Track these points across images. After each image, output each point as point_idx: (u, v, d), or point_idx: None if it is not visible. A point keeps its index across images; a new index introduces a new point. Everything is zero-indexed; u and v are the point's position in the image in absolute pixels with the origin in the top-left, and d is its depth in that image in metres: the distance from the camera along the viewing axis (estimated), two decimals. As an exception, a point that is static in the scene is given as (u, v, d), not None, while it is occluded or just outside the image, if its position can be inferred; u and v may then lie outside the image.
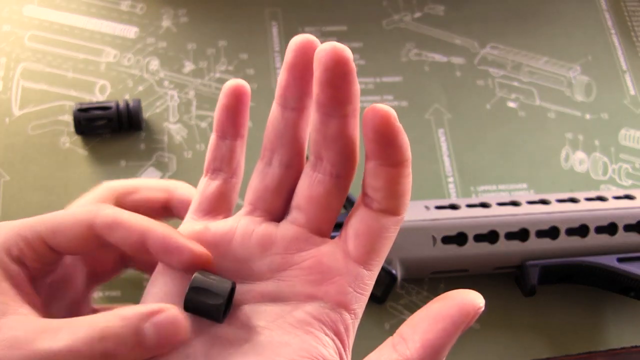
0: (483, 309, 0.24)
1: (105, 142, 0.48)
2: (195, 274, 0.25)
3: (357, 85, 0.24)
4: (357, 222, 0.26)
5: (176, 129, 0.49)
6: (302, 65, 0.25)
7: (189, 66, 0.51)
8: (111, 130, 0.47)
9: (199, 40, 0.53)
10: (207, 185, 0.28)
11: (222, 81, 0.51)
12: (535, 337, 0.44)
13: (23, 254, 0.26)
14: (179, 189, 0.35)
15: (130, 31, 0.52)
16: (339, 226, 0.45)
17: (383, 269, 0.41)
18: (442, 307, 0.24)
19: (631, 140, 0.53)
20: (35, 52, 0.50)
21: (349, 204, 0.45)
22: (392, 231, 0.26)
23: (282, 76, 0.26)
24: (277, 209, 0.27)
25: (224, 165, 0.28)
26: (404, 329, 0.25)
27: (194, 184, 0.47)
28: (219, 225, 0.27)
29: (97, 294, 0.43)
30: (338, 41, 0.24)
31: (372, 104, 0.23)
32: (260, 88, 0.51)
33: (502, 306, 0.45)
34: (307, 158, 0.27)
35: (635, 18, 0.59)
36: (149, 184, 0.32)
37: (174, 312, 0.24)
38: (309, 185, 0.26)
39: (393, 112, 0.23)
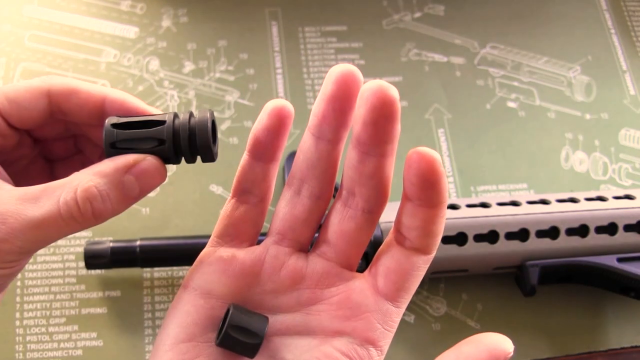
0: (512, 354, 0.24)
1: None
2: (232, 310, 0.25)
3: (399, 126, 0.24)
4: (389, 260, 0.26)
5: (176, 129, 0.49)
6: (343, 98, 0.24)
7: (189, 66, 0.51)
8: (163, 159, 0.27)
9: (199, 40, 0.53)
10: (234, 208, 0.27)
11: (222, 81, 0.51)
12: (535, 337, 0.44)
13: None
14: (112, 91, 0.30)
15: (130, 31, 0.52)
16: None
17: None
18: (473, 352, 0.24)
19: (631, 140, 0.53)
20: (35, 52, 0.50)
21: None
22: (422, 270, 0.26)
23: (319, 106, 0.25)
24: (305, 239, 0.27)
25: (254, 188, 0.27)
26: None
27: (194, 184, 0.47)
28: (247, 254, 0.27)
29: (96, 294, 0.43)
30: (338, 41, 0.23)
31: (416, 148, 0.23)
32: (260, 88, 0.51)
33: (502, 306, 0.45)
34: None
35: (635, 18, 0.59)
36: (85, 85, 0.28)
37: (150, 160, 0.25)
38: (340, 220, 0.26)
39: (438, 157, 0.23)
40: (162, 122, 0.26)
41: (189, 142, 0.26)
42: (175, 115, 0.26)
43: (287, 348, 0.25)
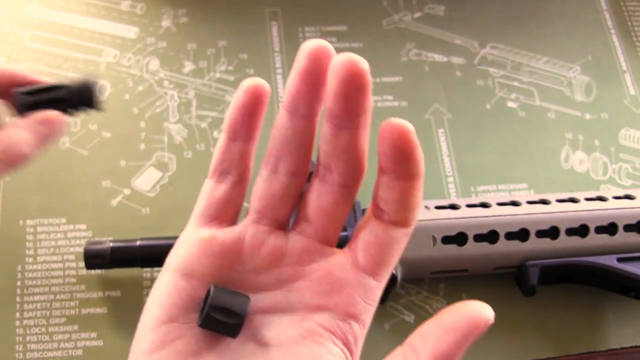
0: (493, 321, 0.24)
1: (105, 142, 0.48)
2: (213, 291, 0.25)
3: (371, 98, 0.24)
4: (367, 234, 0.26)
5: (176, 129, 0.49)
6: (316, 73, 0.25)
7: (189, 66, 0.51)
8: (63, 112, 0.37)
9: (199, 40, 0.53)
10: (213, 189, 0.28)
11: (222, 81, 0.51)
12: (535, 337, 0.44)
13: None
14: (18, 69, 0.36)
15: (130, 31, 0.52)
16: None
17: (383, 269, 0.41)
18: (452, 319, 0.24)
19: (631, 140, 0.53)
20: (35, 52, 0.50)
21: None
22: (402, 243, 0.26)
23: (292, 83, 0.25)
24: (283, 216, 0.27)
25: (232, 168, 0.28)
26: (414, 339, 0.25)
27: (194, 184, 0.47)
28: (226, 234, 0.27)
29: (96, 294, 0.43)
30: (338, 41, 0.24)
31: (389, 119, 0.23)
32: (260, 88, 0.51)
33: (502, 306, 0.45)
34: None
35: (635, 18, 0.59)
36: None
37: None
38: (318, 196, 0.26)
39: (411, 128, 0.23)
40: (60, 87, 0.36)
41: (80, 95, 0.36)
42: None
43: (269, 326, 0.25)
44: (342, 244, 0.43)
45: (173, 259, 0.27)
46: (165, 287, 0.26)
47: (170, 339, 0.25)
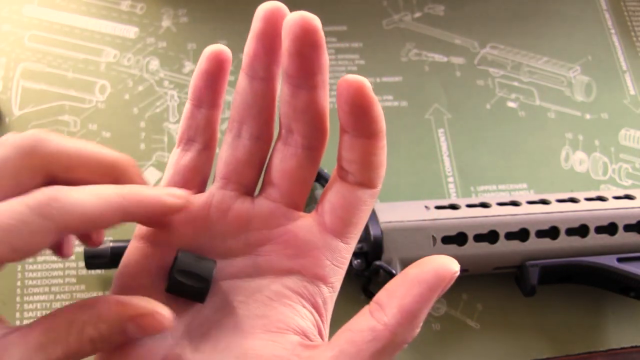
0: (458, 273, 0.24)
1: (105, 142, 0.48)
2: (179, 255, 0.25)
3: (326, 56, 0.24)
4: (333, 196, 0.26)
5: (176, 129, 0.49)
6: (271, 34, 0.25)
7: (189, 66, 0.51)
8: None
9: (199, 40, 0.53)
10: (180, 157, 0.27)
11: (222, 81, 0.51)
12: (535, 337, 0.44)
13: None
14: (128, 169, 0.27)
15: (130, 31, 0.52)
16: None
17: (383, 269, 0.41)
18: (418, 273, 0.24)
19: (631, 140, 0.53)
20: (35, 52, 0.50)
21: (322, 180, 0.45)
22: (369, 203, 0.26)
23: (250, 45, 0.25)
24: (249, 181, 0.27)
25: (198, 135, 0.27)
26: (380, 295, 0.25)
27: (194, 184, 0.47)
28: (193, 201, 0.26)
29: (96, 294, 0.43)
30: (338, 41, 0.24)
31: (344, 76, 0.23)
32: (260, 88, 0.51)
33: (502, 306, 0.45)
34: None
35: (635, 18, 0.59)
36: (90, 156, 0.25)
37: (159, 314, 0.23)
38: (282, 159, 0.26)
39: (367, 83, 0.23)
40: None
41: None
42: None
43: (237, 290, 0.25)
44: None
45: (141, 228, 0.27)
46: (134, 255, 0.26)
47: None
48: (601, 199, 0.44)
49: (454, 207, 0.43)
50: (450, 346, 0.44)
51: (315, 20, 0.23)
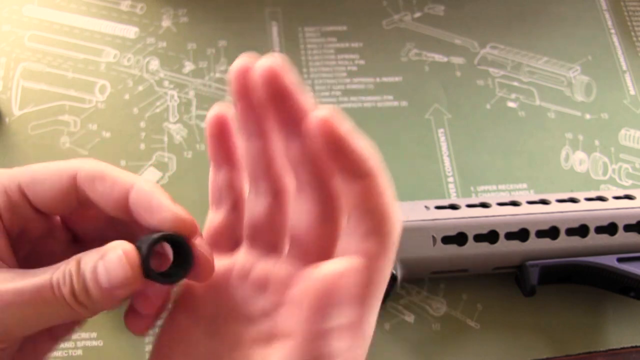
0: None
1: (105, 142, 0.48)
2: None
3: (302, 99, 0.22)
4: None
5: (176, 129, 0.49)
6: (246, 93, 0.24)
7: (189, 66, 0.51)
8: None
9: (199, 40, 0.53)
10: (211, 218, 0.28)
11: (222, 81, 0.51)
12: (535, 337, 0.44)
13: None
14: (141, 182, 0.26)
15: (130, 31, 0.52)
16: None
17: (383, 269, 0.41)
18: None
19: (631, 140, 0.53)
20: (35, 52, 0.50)
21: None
22: (383, 271, 0.24)
23: (235, 107, 0.25)
24: (274, 238, 0.26)
25: (223, 197, 0.27)
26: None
27: (194, 184, 0.47)
28: (218, 265, 0.26)
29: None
30: (338, 41, 0.23)
31: (314, 112, 0.21)
32: (260, 88, 0.51)
33: (502, 306, 0.45)
34: None
35: (635, 18, 0.59)
36: (114, 172, 0.25)
37: (120, 250, 0.23)
38: (297, 215, 0.25)
39: (336, 118, 0.21)
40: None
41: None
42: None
43: (259, 356, 0.25)
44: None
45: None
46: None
47: None
48: (601, 199, 0.44)
49: (454, 207, 0.43)
50: (450, 346, 0.44)
51: (274, 65, 0.21)
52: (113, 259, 0.23)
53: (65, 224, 0.28)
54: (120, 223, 0.27)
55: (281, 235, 0.26)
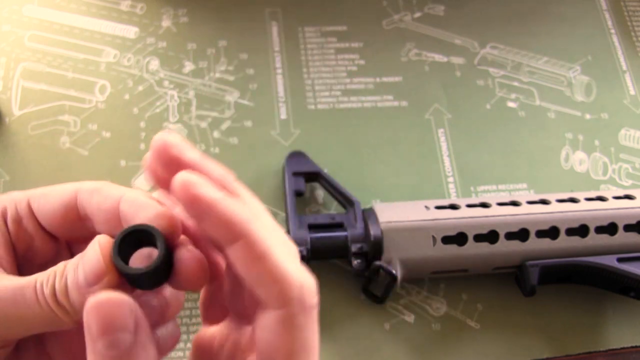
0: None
1: (105, 142, 0.48)
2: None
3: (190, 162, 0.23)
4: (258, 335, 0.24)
5: (176, 129, 0.49)
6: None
7: (189, 66, 0.51)
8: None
9: (199, 40, 0.53)
10: (202, 292, 0.28)
11: (222, 81, 0.51)
12: (535, 337, 0.44)
13: (5, 213, 0.26)
14: (129, 191, 0.26)
15: (130, 31, 0.52)
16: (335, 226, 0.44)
17: (383, 269, 0.41)
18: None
19: (631, 140, 0.53)
20: (35, 52, 0.50)
21: (346, 201, 0.45)
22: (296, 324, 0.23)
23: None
24: (239, 309, 0.26)
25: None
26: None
27: (194, 184, 0.47)
28: (206, 333, 0.27)
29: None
30: (338, 41, 0.23)
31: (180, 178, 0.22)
32: (260, 88, 0.51)
33: (502, 306, 0.45)
34: None
35: (635, 18, 0.59)
36: (108, 185, 0.26)
37: (97, 242, 0.23)
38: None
39: (196, 181, 0.22)
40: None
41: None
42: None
43: None
44: (340, 243, 0.43)
45: None
46: None
47: None
48: (601, 199, 0.44)
49: (454, 207, 0.43)
50: (450, 346, 0.44)
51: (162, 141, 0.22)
52: (90, 251, 0.23)
53: (72, 252, 0.28)
54: None
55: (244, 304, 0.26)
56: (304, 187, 0.45)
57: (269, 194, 0.47)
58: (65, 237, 0.28)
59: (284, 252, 0.22)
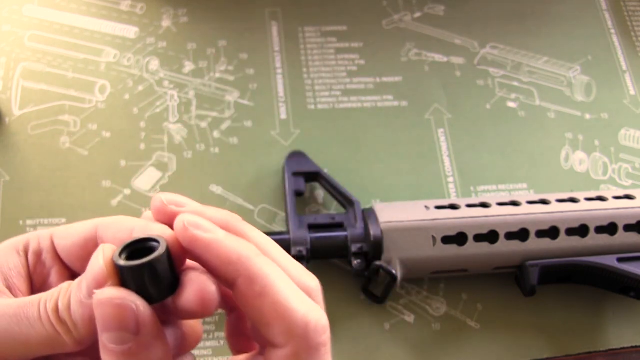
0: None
1: (105, 142, 0.48)
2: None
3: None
4: None
5: (176, 129, 0.49)
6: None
7: (189, 66, 0.51)
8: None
9: (199, 40, 0.53)
10: (225, 323, 0.29)
11: (222, 81, 0.51)
12: (535, 337, 0.44)
13: (27, 247, 0.27)
14: (141, 220, 0.26)
15: (130, 31, 0.52)
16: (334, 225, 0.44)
17: (383, 269, 0.41)
18: None
19: (631, 140, 0.53)
20: (35, 52, 0.50)
21: (346, 201, 0.45)
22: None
23: None
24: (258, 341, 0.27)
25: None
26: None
27: (194, 184, 0.47)
28: None
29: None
30: (338, 41, 0.23)
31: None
32: (260, 88, 0.51)
33: (502, 306, 0.45)
34: None
35: (635, 18, 0.58)
36: (126, 218, 0.26)
37: (101, 249, 0.23)
38: None
39: (194, 222, 0.23)
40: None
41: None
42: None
43: None
44: (340, 243, 0.43)
45: None
46: None
47: None
48: (601, 199, 0.44)
49: (454, 207, 0.43)
50: (450, 346, 0.44)
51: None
52: (93, 259, 0.23)
53: None
54: None
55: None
56: (304, 187, 0.45)
57: (269, 194, 0.47)
58: (82, 270, 0.28)
59: (289, 288, 0.22)
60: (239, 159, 0.48)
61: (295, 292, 0.22)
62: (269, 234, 0.44)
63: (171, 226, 0.24)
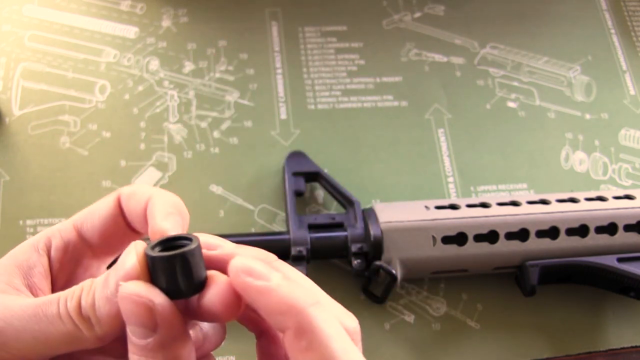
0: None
1: (105, 142, 0.48)
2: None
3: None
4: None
5: (176, 129, 0.49)
6: None
7: (189, 66, 0.51)
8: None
9: (199, 40, 0.53)
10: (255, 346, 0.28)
11: (222, 81, 0.51)
12: (535, 337, 0.44)
13: (49, 244, 0.27)
14: (157, 191, 0.27)
15: (130, 31, 0.52)
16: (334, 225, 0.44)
17: (383, 269, 0.41)
18: None
19: (631, 140, 0.53)
20: (35, 52, 0.50)
21: (346, 201, 0.45)
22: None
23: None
24: None
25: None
26: None
27: (194, 184, 0.47)
28: None
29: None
30: (338, 41, 0.23)
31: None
32: (260, 88, 0.51)
33: (502, 306, 0.45)
34: None
35: (635, 18, 0.59)
36: (144, 187, 0.27)
37: (133, 246, 0.23)
38: None
39: (248, 268, 0.23)
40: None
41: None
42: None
43: None
44: (340, 243, 0.43)
45: None
46: None
47: None
48: (601, 199, 0.44)
49: (454, 207, 0.43)
50: (450, 346, 0.44)
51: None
52: (123, 257, 0.23)
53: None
54: None
55: None
56: (304, 187, 0.45)
57: (269, 194, 0.47)
58: (116, 249, 0.28)
59: (345, 343, 0.22)
60: (239, 159, 0.48)
61: (344, 349, 0.21)
62: (269, 234, 0.45)
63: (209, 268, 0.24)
